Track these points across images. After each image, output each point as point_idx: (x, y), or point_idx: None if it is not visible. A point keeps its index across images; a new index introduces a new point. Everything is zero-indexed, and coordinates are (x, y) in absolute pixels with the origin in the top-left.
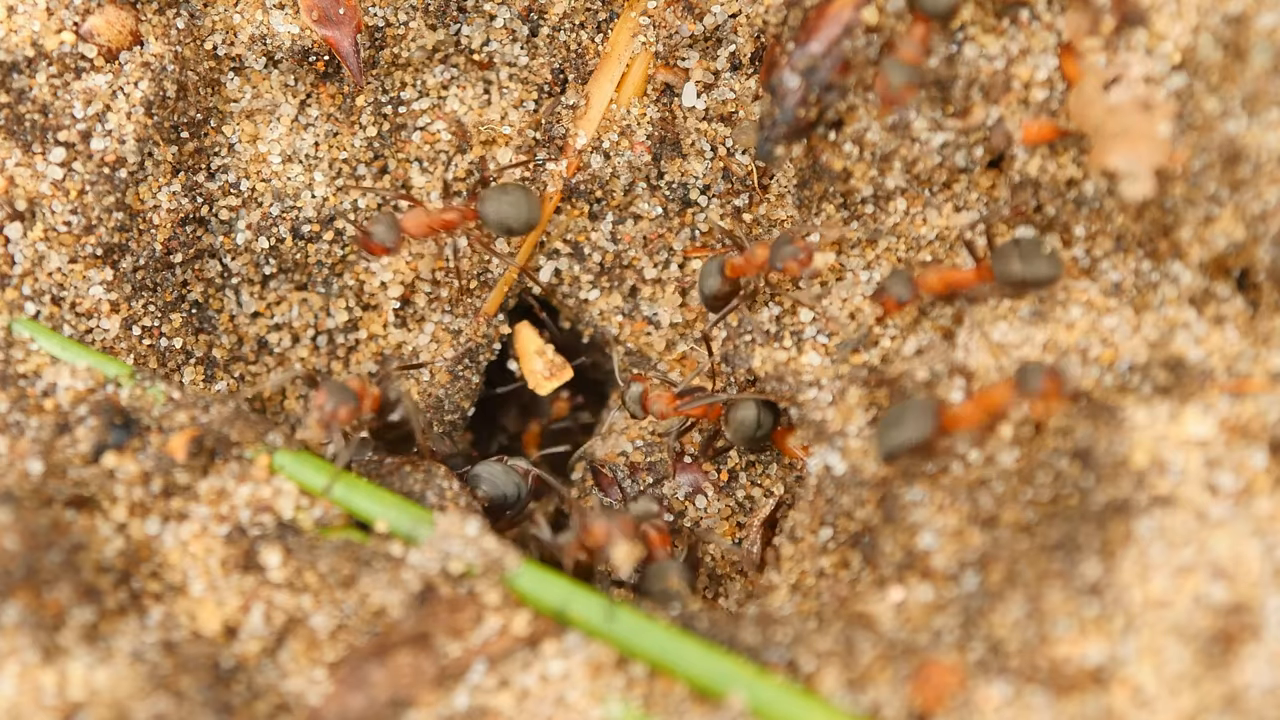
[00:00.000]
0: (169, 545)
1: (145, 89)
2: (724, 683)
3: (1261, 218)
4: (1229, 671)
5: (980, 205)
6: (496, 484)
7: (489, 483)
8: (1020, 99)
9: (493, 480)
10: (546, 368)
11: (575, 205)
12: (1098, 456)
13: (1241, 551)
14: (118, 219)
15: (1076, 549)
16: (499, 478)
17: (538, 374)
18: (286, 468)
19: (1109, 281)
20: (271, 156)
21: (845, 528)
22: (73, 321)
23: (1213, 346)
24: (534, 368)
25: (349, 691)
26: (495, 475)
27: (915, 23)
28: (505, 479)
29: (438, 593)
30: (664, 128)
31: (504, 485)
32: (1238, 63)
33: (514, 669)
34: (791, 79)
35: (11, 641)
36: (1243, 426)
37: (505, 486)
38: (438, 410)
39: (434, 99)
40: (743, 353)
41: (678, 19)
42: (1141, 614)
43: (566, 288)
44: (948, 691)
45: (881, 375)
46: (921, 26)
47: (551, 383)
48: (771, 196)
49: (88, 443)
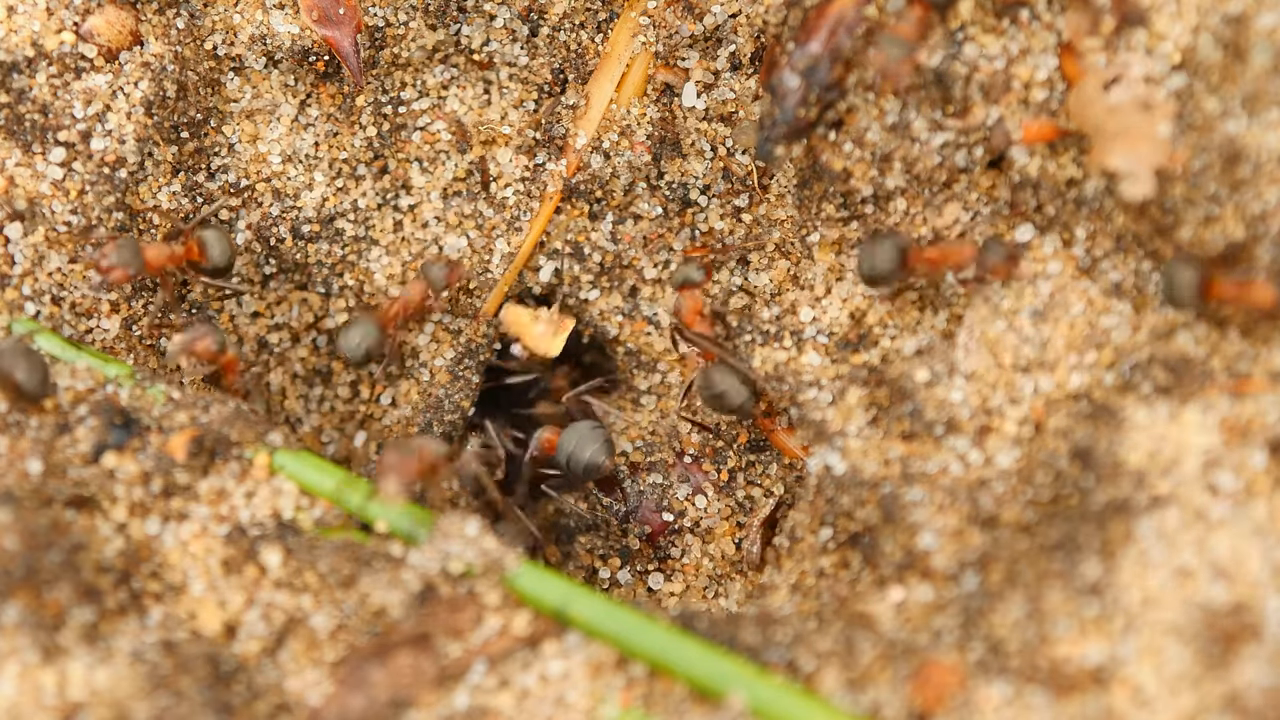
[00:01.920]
0: (169, 545)
1: (145, 89)
2: (724, 683)
3: (1261, 218)
4: (1229, 671)
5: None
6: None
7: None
8: (1020, 99)
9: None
10: (549, 327)
11: (575, 205)
12: (1098, 456)
13: (1241, 551)
14: (118, 219)
15: (1076, 549)
16: (587, 438)
17: (544, 337)
18: (286, 468)
19: (1109, 281)
20: (271, 156)
21: (845, 528)
22: (73, 321)
23: (1213, 346)
24: (537, 333)
25: (349, 691)
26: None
27: (914, 4)
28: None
29: (438, 593)
30: (664, 128)
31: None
32: (1238, 63)
33: (514, 669)
34: (791, 79)
35: (11, 641)
36: (1243, 426)
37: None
38: (438, 410)
39: (434, 99)
40: (743, 352)
41: (678, 19)
42: (1141, 614)
43: (566, 288)
44: (948, 691)
45: (881, 375)
46: (920, 7)
47: (561, 335)
48: (771, 196)
49: (88, 443)
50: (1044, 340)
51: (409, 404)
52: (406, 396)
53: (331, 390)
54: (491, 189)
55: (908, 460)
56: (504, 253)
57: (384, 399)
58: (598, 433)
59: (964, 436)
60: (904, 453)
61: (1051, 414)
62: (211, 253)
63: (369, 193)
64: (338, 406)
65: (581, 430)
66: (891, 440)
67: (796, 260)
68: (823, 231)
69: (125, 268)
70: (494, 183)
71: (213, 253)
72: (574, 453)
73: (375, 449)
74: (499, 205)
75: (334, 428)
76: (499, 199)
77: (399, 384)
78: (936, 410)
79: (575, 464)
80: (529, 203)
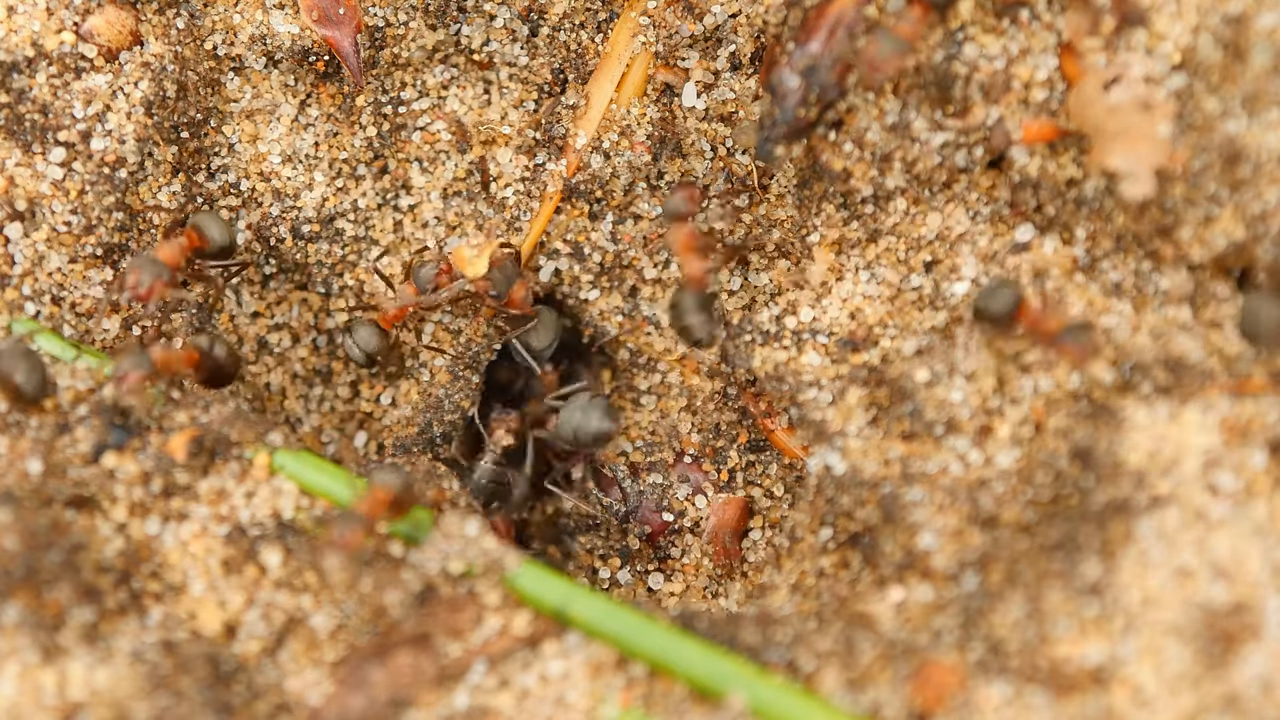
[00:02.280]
0: (169, 545)
1: (145, 89)
2: (724, 683)
3: (1261, 218)
4: (1229, 671)
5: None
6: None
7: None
8: (1020, 99)
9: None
10: (474, 249)
11: (575, 205)
12: (1098, 456)
13: (1241, 551)
14: (118, 219)
15: (1076, 549)
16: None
17: (470, 258)
18: (286, 468)
19: (1109, 281)
20: (271, 156)
21: (845, 528)
22: (73, 321)
23: (1213, 346)
24: (466, 256)
25: (349, 691)
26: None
27: (914, 4)
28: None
29: (438, 593)
30: (664, 128)
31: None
32: (1238, 63)
33: (514, 669)
34: (791, 79)
35: (11, 641)
36: (1243, 426)
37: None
38: (438, 410)
39: (434, 99)
40: (743, 353)
41: (678, 19)
42: (1141, 614)
43: (566, 288)
44: (948, 691)
45: (881, 375)
46: (919, 7)
47: (483, 255)
48: (771, 196)
49: (88, 443)
50: None
51: (409, 404)
52: (406, 396)
53: (331, 390)
54: (491, 189)
55: (908, 460)
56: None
57: (384, 399)
58: (598, 400)
59: (964, 436)
60: (904, 453)
61: (1051, 414)
62: (210, 234)
63: (369, 193)
64: (338, 406)
65: (581, 402)
66: (891, 440)
67: (796, 260)
68: (823, 231)
69: (158, 278)
70: (494, 183)
71: (211, 234)
72: (580, 425)
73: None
74: (499, 205)
75: (334, 428)
76: (499, 199)
77: (399, 384)
78: (936, 410)
79: (583, 435)
80: (529, 203)
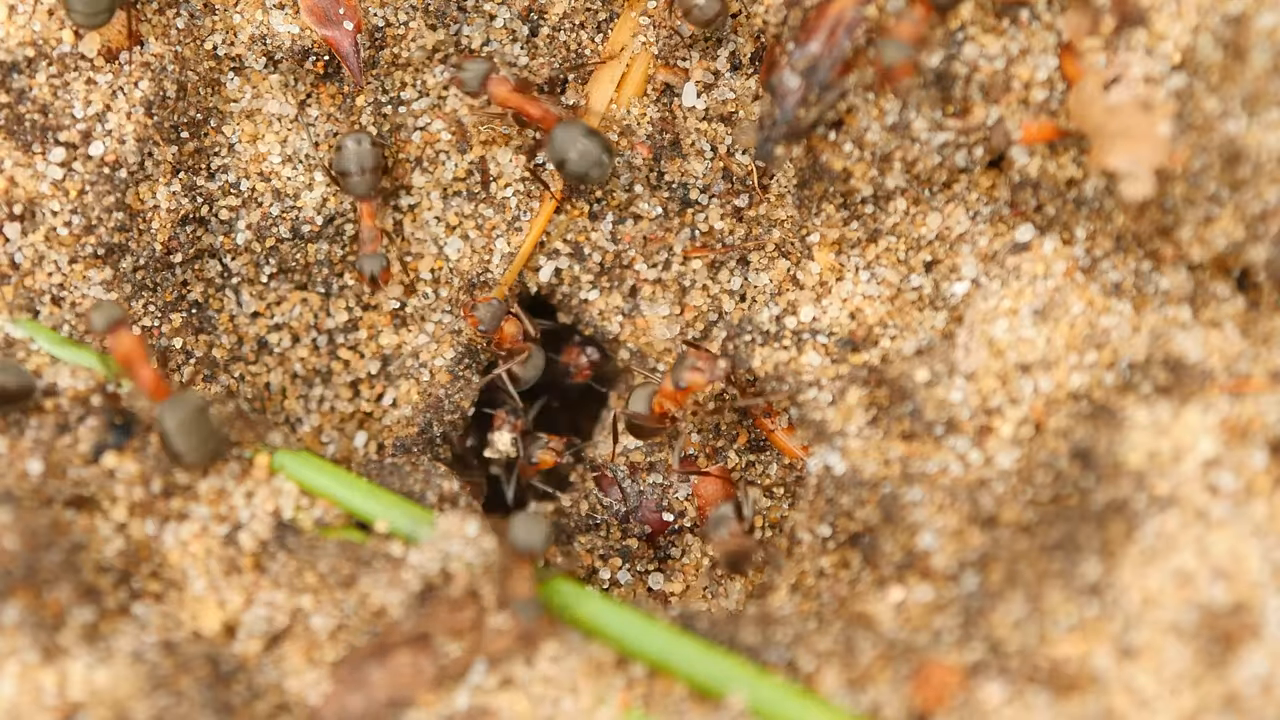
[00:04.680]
0: (169, 545)
1: (145, 89)
2: (724, 683)
3: (1261, 218)
4: (1229, 671)
5: (980, 205)
6: None
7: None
8: (1020, 99)
9: None
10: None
11: (575, 205)
12: (1098, 456)
13: (1241, 551)
14: (118, 219)
15: (1076, 549)
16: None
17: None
18: (286, 468)
19: (1109, 281)
20: (271, 156)
21: (845, 528)
22: (73, 321)
23: (1213, 346)
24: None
25: (349, 691)
26: None
27: (915, 3)
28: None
29: (438, 593)
30: (664, 128)
31: None
32: (1238, 63)
33: (514, 669)
34: (791, 79)
35: (11, 641)
36: (1243, 426)
37: None
38: (437, 410)
39: (434, 99)
40: (743, 353)
41: (678, 19)
42: (1141, 614)
43: (566, 288)
44: (948, 691)
45: (881, 375)
46: (922, 7)
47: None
48: (771, 196)
49: (88, 443)
50: (1044, 340)
51: (409, 404)
52: (406, 396)
53: (331, 390)
54: (491, 189)
55: (908, 460)
56: (504, 253)
57: (384, 399)
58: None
59: (964, 436)
60: (904, 453)
61: (1051, 414)
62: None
63: None
64: (338, 406)
65: (574, 130)
66: (891, 440)
67: (796, 260)
68: (823, 231)
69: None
70: (494, 183)
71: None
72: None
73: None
74: (499, 205)
75: (334, 428)
76: (499, 199)
77: (399, 384)
78: (936, 410)
79: (572, 169)
80: (529, 203)
